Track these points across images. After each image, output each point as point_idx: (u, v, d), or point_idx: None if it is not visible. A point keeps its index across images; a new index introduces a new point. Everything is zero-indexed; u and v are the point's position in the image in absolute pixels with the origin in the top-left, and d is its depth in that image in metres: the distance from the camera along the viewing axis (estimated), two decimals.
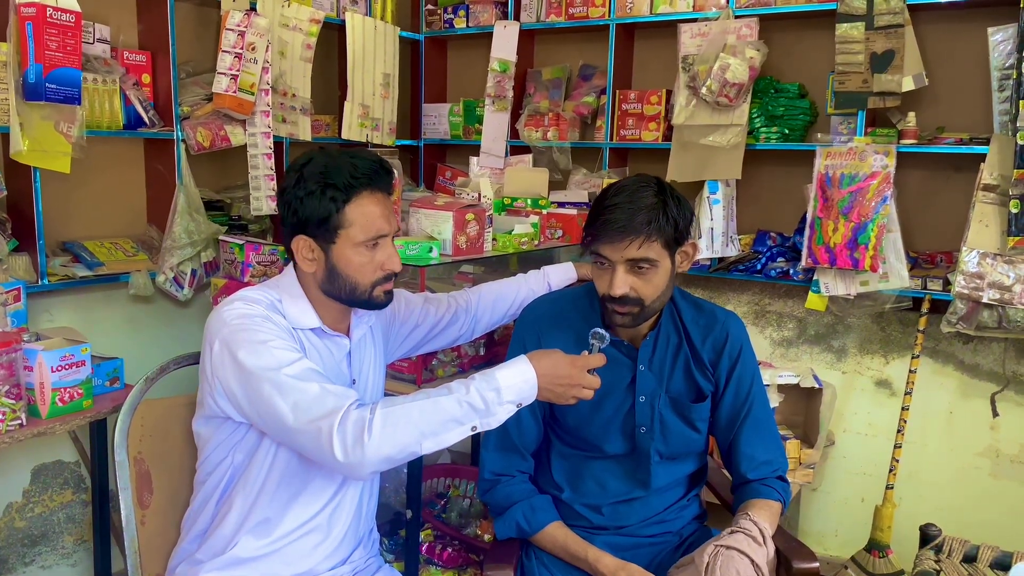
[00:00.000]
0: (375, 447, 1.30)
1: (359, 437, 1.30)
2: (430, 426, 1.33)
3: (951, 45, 2.75)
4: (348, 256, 1.49)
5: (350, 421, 1.32)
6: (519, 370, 1.39)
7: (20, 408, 1.89)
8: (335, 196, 1.46)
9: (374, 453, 1.30)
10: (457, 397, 1.35)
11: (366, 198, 1.48)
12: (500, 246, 2.38)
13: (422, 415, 1.33)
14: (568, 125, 3.32)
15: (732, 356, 1.74)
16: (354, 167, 1.47)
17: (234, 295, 1.53)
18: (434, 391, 1.37)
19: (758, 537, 1.57)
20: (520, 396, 1.39)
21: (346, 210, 1.47)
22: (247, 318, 1.44)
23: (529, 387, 1.39)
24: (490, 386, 1.36)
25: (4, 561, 2.61)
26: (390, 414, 1.32)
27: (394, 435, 1.31)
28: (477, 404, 1.35)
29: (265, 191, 2.90)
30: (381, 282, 1.53)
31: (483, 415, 1.36)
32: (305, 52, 3.04)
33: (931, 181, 2.85)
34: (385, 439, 1.31)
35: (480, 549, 2.63)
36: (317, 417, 1.33)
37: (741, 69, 2.82)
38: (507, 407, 1.38)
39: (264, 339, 1.41)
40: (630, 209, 1.57)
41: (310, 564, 1.58)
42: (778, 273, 2.92)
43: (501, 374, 1.38)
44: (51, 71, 2.25)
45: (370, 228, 1.48)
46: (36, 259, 2.42)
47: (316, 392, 1.36)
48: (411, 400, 1.35)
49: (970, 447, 2.85)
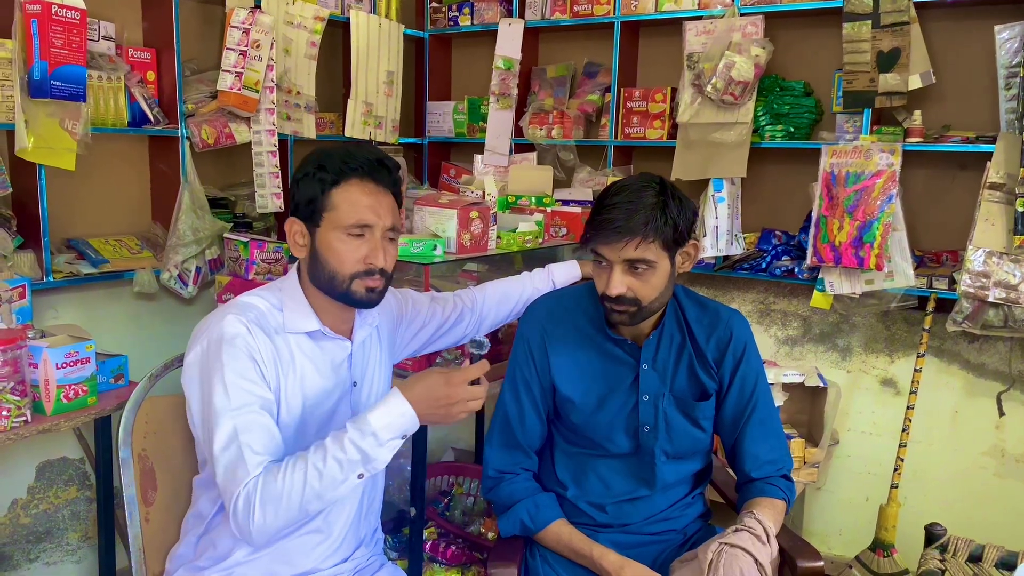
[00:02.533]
0: (259, 525, 1.35)
1: (248, 516, 1.35)
2: (313, 492, 1.35)
3: (958, 43, 2.74)
4: (329, 241, 1.49)
5: (241, 501, 1.35)
6: (392, 406, 1.39)
7: (25, 405, 1.89)
8: (323, 178, 1.48)
9: (260, 530, 1.36)
10: (334, 457, 1.35)
11: (355, 185, 1.48)
12: (504, 244, 2.37)
13: (305, 486, 1.34)
14: (572, 123, 3.32)
15: (736, 354, 1.74)
16: (350, 155, 1.49)
17: (234, 300, 1.53)
18: (311, 455, 1.36)
19: (762, 536, 1.57)
20: (400, 430, 1.38)
21: (332, 193, 1.47)
22: (227, 340, 1.43)
23: (407, 419, 1.39)
24: (365, 434, 1.36)
25: (9, 557, 2.61)
26: (269, 497, 1.34)
27: (276, 512, 1.35)
28: (354, 457, 1.35)
29: (270, 188, 2.90)
30: (361, 276, 1.49)
31: (364, 463, 1.36)
32: (309, 50, 3.03)
33: (937, 180, 2.84)
34: (269, 517, 1.35)
35: (484, 547, 2.63)
36: (227, 480, 1.38)
37: (746, 67, 2.81)
38: (390, 445, 1.38)
39: (230, 372, 1.41)
40: (628, 209, 1.56)
41: (311, 563, 1.58)
42: (783, 272, 2.91)
43: (374, 416, 1.37)
44: (56, 68, 2.25)
45: (353, 214, 1.47)
46: (41, 256, 2.42)
47: (235, 456, 1.37)
48: (291, 471, 1.35)
49: (975, 446, 2.84)
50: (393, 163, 1.54)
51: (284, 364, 1.50)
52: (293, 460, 1.37)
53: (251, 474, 1.36)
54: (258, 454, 1.38)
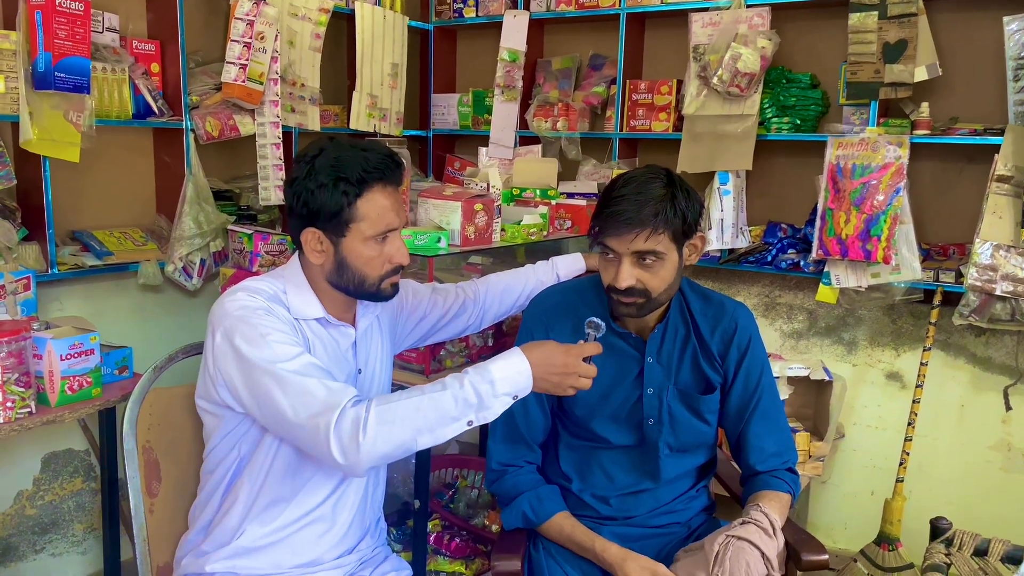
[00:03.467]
0: (370, 446, 1.30)
1: (354, 436, 1.30)
2: (426, 423, 1.32)
3: (966, 34, 2.72)
4: (358, 250, 1.48)
5: (347, 420, 1.31)
6: (513, 362, 1.38)
7: (30, 396, 1.90)
8: (347, 190, 1.44)
9: (369, 452, 1.31)
10: (452, 392, 1.34)
11: (378, 192, 1.47)
12: (509, 237, 2.37)
13: (417, 412, 1.32)
14: (578, 115, 3.31)
15: (741, 347, 1.73)
16: (366, 160, 1.46)
17: (237, 285, 1.52)
18: (429, 387, 1.36)
19: (769, 529, 1.56)
20: (515, 388, 1.37)
21: (358, 204, 1.45)
22: (249, 310, 1.43)
23: (524, 378, 1.38)
24: (484, 379, 1.35)
25: (15, 548, 2.62)
26: (385, 412, 1.31)
27: (389, 433, 1.31)
28: (471, 399, 1.34)
29: (274, 181, 2.90)
30: (389, 275, 1.53)
31: (478, 408, 1.35)
32: (314, 42, 3.03)
33: (944, 172, 2.82)
34: (380, 438, 1.30)
35: (488, 540, 2.63)
36: (315, 413, 1.33)
37: (753, 59, 2.79)
38: (502, 399, 1.36)
39: (264, 332, 1.40)
40: (638, 201, 1.55)
41: (316, 553, 1.59)
42: (789, 265, 2.90)
43: (495, 366, 1.37)
44: (60, 60, 2.25)
45: (381, 223, 1.47)
46: (46, 248, 2.43)
47: (314, 388, 1.35)
48: (406, 397, 1.34)
49: (982, 441, 2.83)
50: (397, 159, 1.53)
51: (302, 341, 1.50)
52: (407, 390, 1.36)
53: (349, 395, 1.34)
54: (338, 382, 1.38)
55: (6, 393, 1.84)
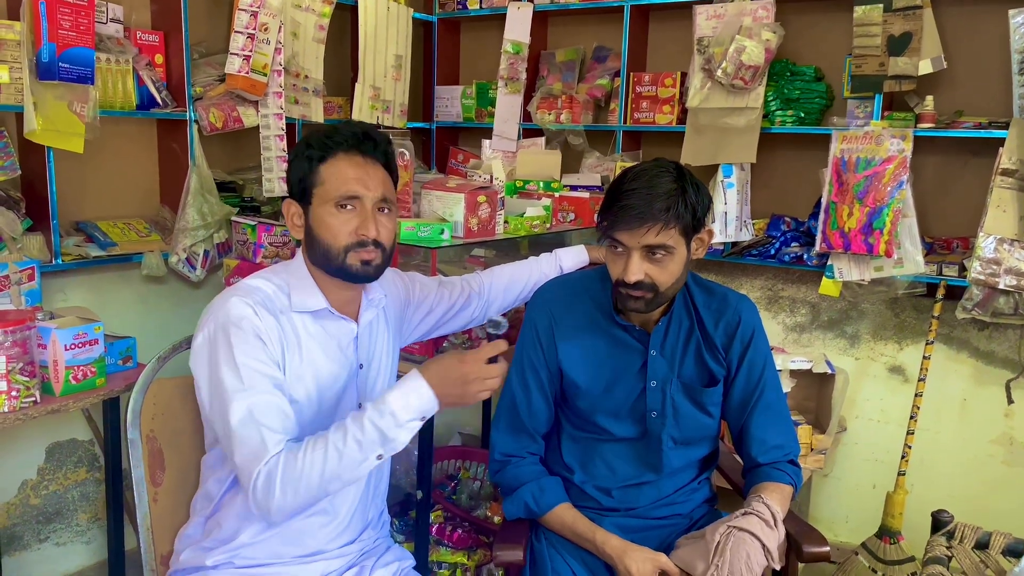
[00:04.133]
0: (278, 504, 1.37)
1: (267, 495, 1.36)
2: (333, 472, 1.35)
3: (971, 27, 2.71)
4: (321, 216, 1.50)
5: (262, 478, 1.36)
6: (409, 386, 1.38)
7: (34, 385, 1.90)
8: (311, 155, 1.50)
9: (280, 509, 1.37)
10: (354, 438, 1.35)
11: (341, 159, 1.50)
12: (512, 229, 2.37)
13: (324, 464, 1.35)
14: (581, 108, 3.30)
15: (744, 340, 1.73)
16: (335, 131, 1.51)
17: (237, 284, 1.54)
18: (332, 433, 1.37)
19: (770, 520, 1.57)
20: (419, 411, 1.37)
21: (320, 168, 1.49)
22: (234, 324, 1.44)
23: (425, 399, 1.37)
24: (383, 414, 1.36)
25: (19, 538, 2.64)
26: (290, 473, 1.35)
27: (296, 492, 1.36)
28: (373, 437, 1.35)
29: (277, 172, 2.90)
30: (355, 248, 1.49)
31: (384, 443, 1.36)
32: (318, 33, 3.02)
33: (948, 166, 2.82)
34: (288, 497, 1.36)
35: (490, 531, 2.64)
36: (246, 459, 1.38)
37: (757, 51, 2.79)
38: (408, 427, 1.37)
39: (240, 356, 1.42)
40: (649, 195, 1.55)
41: (318, 545, 1.59)
42: (792, 258, 2.90)
43: (393, 397, 1.37)
44: (64, 51, 2.25)
45: (341, 187, 1.48)
46: (50, 239, 2.43)
47: (253, 435, 1.38)
48: (311, 450, 1.36)
49: (984, 434, 2.83)
50: (381, 136, 1.54)
51: (290, 344, 1.50)
52: (314, 440, 1.38)
53: (271, 452, 1.37)
54: (276, 432, 1.39)
55: (11, 382, 1.84)
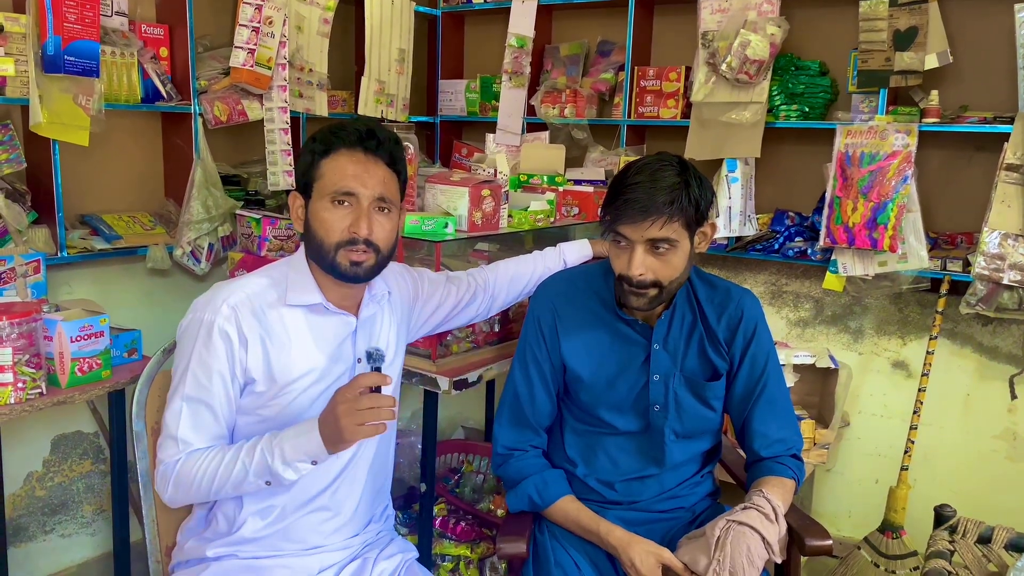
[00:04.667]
0: (170, 498, 1.52)
1: (163, 487, 1.51)
2: (219, 485, 1.46)
3: (977, 22, 2.70)
4: (317, 210, 1.51)
5: (159, 473, 1.51)
6: (304, 428, 1.42)
7: (40, 377, 1.91)
8: (315, 149, 1.51)
9: (172, 501, 1.53)
10: (244, 464, 1.44)
11: (343, 155, 1.50)
12: (516, 223, 2.37)
13: (214, 479, 1.45)
14: (585, 102, 3.30)
15: (747, 334, 1.74)
16: (340, 127, 1.52)
17: (229, 281, 1.56)
18: (232, 449, 1.47)
19: (770, 514, 1.57)
20: (308, 454, 1.40)
21: (321, 163, 1.51)
22: (206, 330, 1.49)
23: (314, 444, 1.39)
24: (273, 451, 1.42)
25: (25, 529, 2.65)
26: (182, 479, 1.48)
27: (186, 495, 1.49)
28: (261, 469, 1.43)
29: (282, 166, 2.90)
30: (345, 246, 1.49)
31: (271, 475, 1.43)
32: (322, 27, 3.02)
33: (953, 160, 2.81)
34: (179, 496, 1.50)
35: (492, 524, 2.65)
36: (159, 447, 1.52)
37: (762, 46, 2.78)
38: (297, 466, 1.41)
39: (195, 364, 1.49)
40: (652, 188, 1.55)
41: (319, 539, 1.60)
42: (796, 253, 2.90)
43: (287, 435, 1.42)
44: (70, 43, 2.26)
45: (337, 182, 1.48)
46: (55, 231, 2.44)
47: (171, 433, 1.49)
48: (204, 466, 1.46)
49: (987, 430, 2.83)
50: (387, 134, 1.54)
51: (276, 340, 1.51)
52: (214, 452, 1.48)
53: (172, 456, 1.49)
54: (185, 442, 1.49)
55: (18, 374, 1.85)
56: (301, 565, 1.58)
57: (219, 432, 1.52)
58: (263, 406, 1.53)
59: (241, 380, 1.51)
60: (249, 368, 1.50)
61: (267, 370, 1.51)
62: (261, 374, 1.51)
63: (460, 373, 2.01)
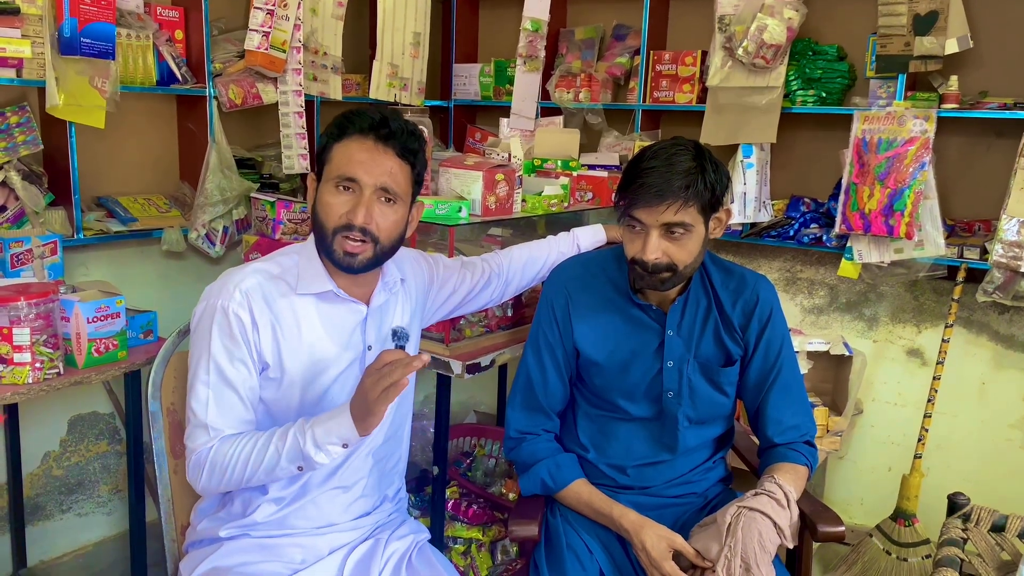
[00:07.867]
0: (203, 486, 1.51)
1: (195, 476, 1.50)
2: (252, 472, 1.45)
3: (998, 6, 2.66)
4: (322, 193, 1.51)
5: (192, 460, 1.50)
6: (335, 411, 1.41)
7: (58, 357, 1.93)
8: (330, 132, 1.52)
9: (205, 489, 1.53)
10: (277, 448, 1.43)
11: (354, 141, 1.49)
12: (529, 207, 2.36)
13: (247, 466, 1.45)
14: (600, 86, 3.28)
15: (762, 319, 1.73)
16: (356, 113, 1.51)
17: (243, 266, 1.56)
18: (264, 436, 1.46)
19: (782, 500, 1.57)
20: (340, 437, 1.39)
21: (333, 147, 1.51)
22: (222, 315, 1.48)
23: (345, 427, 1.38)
24: (305, 434, 1.40)
25: (42, 507, 2.68)
26: (216, 467, 1.47)
27: (220, 483, 1.48)
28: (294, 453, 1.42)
29: (297, 150, 2.90)
30: (342, 231, 1.48)
31: (304, 459, 1.42)
32: (336, 10, 3.02)
33: (972, 147, 2.78)
34: (212, 484, 1.49)
35: (504, 507, 2.66)
36: (187, 435, 1.51)
37: (779, 30, 2.76)
38: (329, 449, 1.40)
39: (215, 349, 1.48)
40: (668, 173, 1.54)
41: (330, 517, 1.61)
42: (811, 239, 2.88)
43: (319, 420, 1.41)
44: (86, 25, 2.26)
45: (343, 166, 1.48)
46: (72, 213, 2.46)
47: (199, 418, 1.48)
48: (241, 448, 1.46)
49: (1002, 419, 2.81)
50: (401, 125, 1.51)
51: (286, 328, 1.51)
52: (246, 439, 1.46)
53: (204, 444, 1.47)
54: (215, 428, 1.48)
55: (35, 354, 1.87)
56: (313, 544, 1.59)
57: (247, 416, 1.51)
58: (273, 392, 1.54)
59: (258, 364, 1.52)
60: (263, 351, 1.50)
61: (277, 356, 1.51)
62: (273, 359, 1.51)
63: (473, 357, 2.02)
